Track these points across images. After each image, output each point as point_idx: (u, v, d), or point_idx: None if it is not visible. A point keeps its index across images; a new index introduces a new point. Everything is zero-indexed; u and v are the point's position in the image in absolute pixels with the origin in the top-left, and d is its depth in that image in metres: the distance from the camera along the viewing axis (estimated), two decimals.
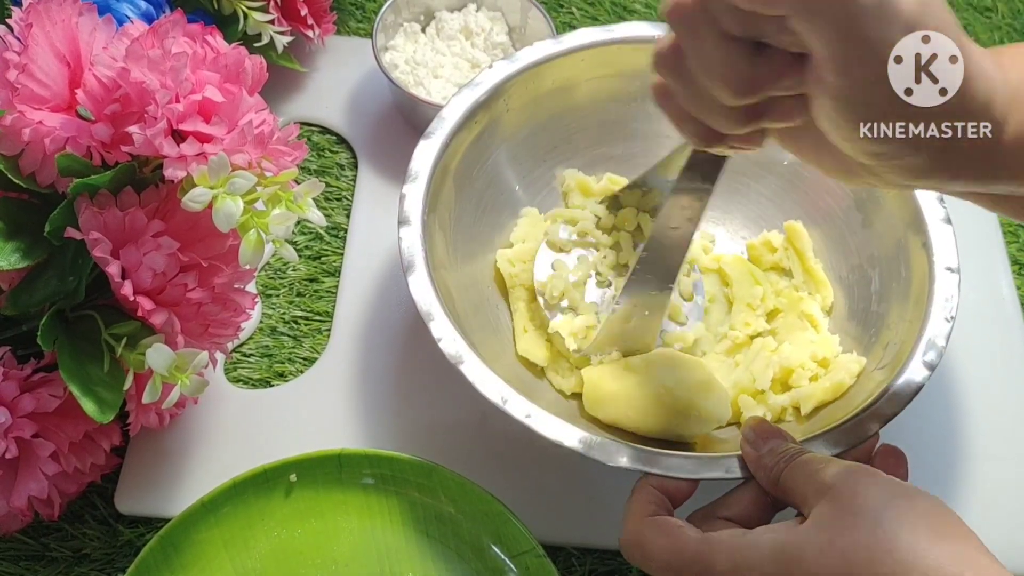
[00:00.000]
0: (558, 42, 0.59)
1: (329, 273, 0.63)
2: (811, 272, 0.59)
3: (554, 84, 0.60)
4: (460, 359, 0.48)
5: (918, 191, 0.54)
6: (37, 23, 0.42)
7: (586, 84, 0.61)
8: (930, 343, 0.50)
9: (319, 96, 0.70)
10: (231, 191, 0.41)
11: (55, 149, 0.42)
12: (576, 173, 0.62)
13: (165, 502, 0.53)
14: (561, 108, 0.61)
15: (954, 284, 0.52)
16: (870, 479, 0.38)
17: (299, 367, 0.59)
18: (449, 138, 0.55)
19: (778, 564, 0.37)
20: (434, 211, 0.54)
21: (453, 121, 0.56)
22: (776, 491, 0.42)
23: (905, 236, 0.55)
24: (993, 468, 0.57)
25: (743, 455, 0.45)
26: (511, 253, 0.59)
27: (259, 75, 0.46)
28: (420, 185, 0.54)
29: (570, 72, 0.60)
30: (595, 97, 0.62)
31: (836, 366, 0.54)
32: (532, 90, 0.59)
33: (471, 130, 0.57)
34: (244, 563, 0.49)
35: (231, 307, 0.48)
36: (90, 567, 0.52)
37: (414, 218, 0.53)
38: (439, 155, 0.55)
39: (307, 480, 0.51)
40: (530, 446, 0.55)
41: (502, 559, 0.49)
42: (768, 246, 0.61)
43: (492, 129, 0.59)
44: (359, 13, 0.76)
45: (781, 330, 0.57)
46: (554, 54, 0.59)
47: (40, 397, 0.45)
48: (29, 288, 0.44)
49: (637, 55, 0.60)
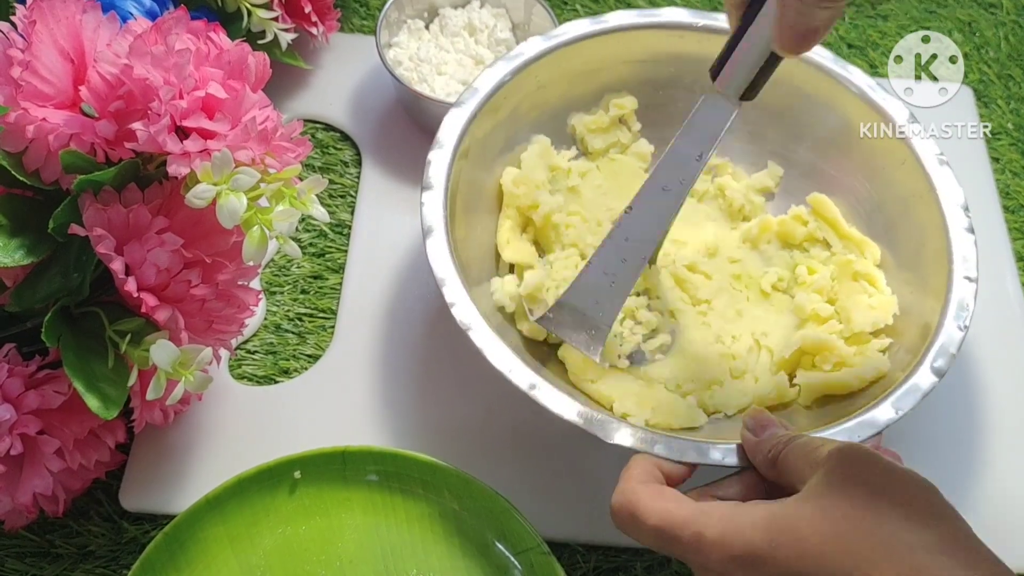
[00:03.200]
0: (596, 22, 0.60)
1: (333, 270, 0.63)
2: (848, 236, 0.59)
3: (586, 65, 0.61)
4: (469, 326, 0.48)
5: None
6: (41, 20, 0.42)
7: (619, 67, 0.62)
8: (942, 349, 0.49)
9: (323, 93, 0.70)
10: (235, 187, 0.40)
11: (59, 146, 0.42)
12: (584, 117, 0.63)
13: (170, 499, 0.53)
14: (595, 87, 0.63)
15: (971, 293, 0.51)
16: (866, 456, 0.39)
17: (303, 364, 0.59)
18: (478, 109, 0.56)
19: (768, 532, 0.37)
20: (457, 181, 0.55)
21: (483, 93, 0.56)
22: (773, 474, 0.42)
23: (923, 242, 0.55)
24: (996, 467, 0.57)
25: (743, 441, 0.45)
26: (516, 173, 0.59)
27: (262, 72, 0.46)
28: (447, 152, 0.54)
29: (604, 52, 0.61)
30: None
31: (864, 359, 0.54)
32: (565, 69, 0.60)
33: (499, 104, 0.58)
34: (249, 560, 0.49)
35: (235, 304, 0.48)
36: (95, 564, 0.52)
37: (437, 183, 0.53)
38: (466, 125, 0.55)
39: (311, 477, 0.51)
40: (535, 443, 0.55)
41: (506, 556, 0.49)
42: (799, 219, 0.61)
43: (519, 106, 0.59)
44: (363, 10, 0.76)
45: (841, 295, 0.57)
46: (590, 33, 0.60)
47: (45, 394, 0.45)
48: (33, 285, 0.44)
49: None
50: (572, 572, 0.53)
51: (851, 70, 0.59)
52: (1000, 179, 0.70)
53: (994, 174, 0.70)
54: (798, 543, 0.36)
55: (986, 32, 0.78)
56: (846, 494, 0.37)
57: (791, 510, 0.38)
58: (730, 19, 0.46)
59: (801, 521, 0.37)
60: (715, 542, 0.38)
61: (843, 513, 0.36)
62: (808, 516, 0.37)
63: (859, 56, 0.75)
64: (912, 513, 0.36)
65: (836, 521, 0.36)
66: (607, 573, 0.53)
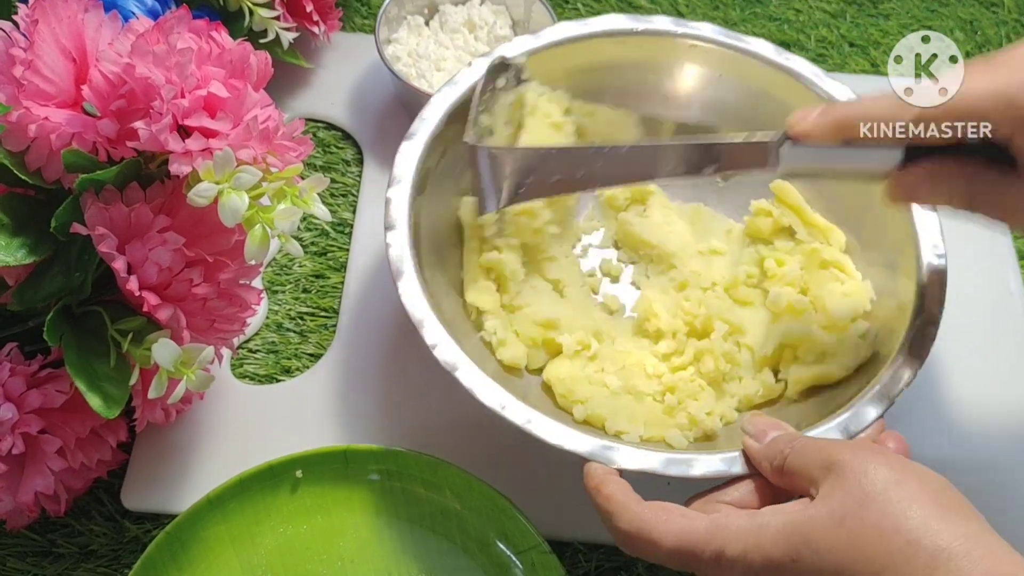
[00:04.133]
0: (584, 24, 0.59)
1: (335, 269, 0.63)
2: (814, 223, 0.59)
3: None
4: (455, 366, 0.48)
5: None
6: (43, 19, 0.42)
7: None
8: (923, 331, 0.49)
9: (325, 92, 0.70)
10: (236, 186, 0.40)
11: (61, 145, 0.42)
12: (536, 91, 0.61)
13: (171, 498, 0.53)
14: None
15: (942, 268, 0.51)
16: (879, 456, 0.39)
17: (305, 363, 0.59)
18: (431, 139, 0.55)
19: (788, 544, 0.37)
20: (420, 211, 0.54)
21: (434, 122, 0.56)
22: (782, 479, 0.42)
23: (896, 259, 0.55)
24: (999, 466, 0.57)
25: (745, 449, 0.45)
26: (473, 202, 0.57)
27: (264, 71, 0.46)
28: (405, 188, 0.53)
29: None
30: None
31: (843, 348, 0.54)
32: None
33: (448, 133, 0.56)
34: (250, 559, 0.49)
35: (237, 303, 0.48)
36: (97, 563, 0.52)
37: (400, 222, 0.52)
38: (423, 156, 0.55)
39: (313, 476, 0.51)
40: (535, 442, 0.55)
41: (508, 555, 0.49)
42: (764, 212, 0.60)
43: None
44: (364, 9, 0.76)
45: (812, 285, 0.57)
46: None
47: (47, 393, 0.45)
48: (35, 284, 0.44)
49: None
50: (573, 571, 0.53)
51: (793, 59, 0.59)
52: None
53: None
54: (817, 555, 0.36)
55: (988, 31, 0.78)
56: (861, 498, 0.37)
57: (807, 519, 0.37)
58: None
59: (818, 531, 0.37)
60: (737, 559, 0.38)
61: (860, 519, 0.36)
62: (825, 525, 0.37)
63: (860, 55, 0.75)
64: (928, 515, 0.35)
65: (853, 529, 0.36)
66: (609, 572, 0.53)
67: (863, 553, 0.35)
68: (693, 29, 0.60)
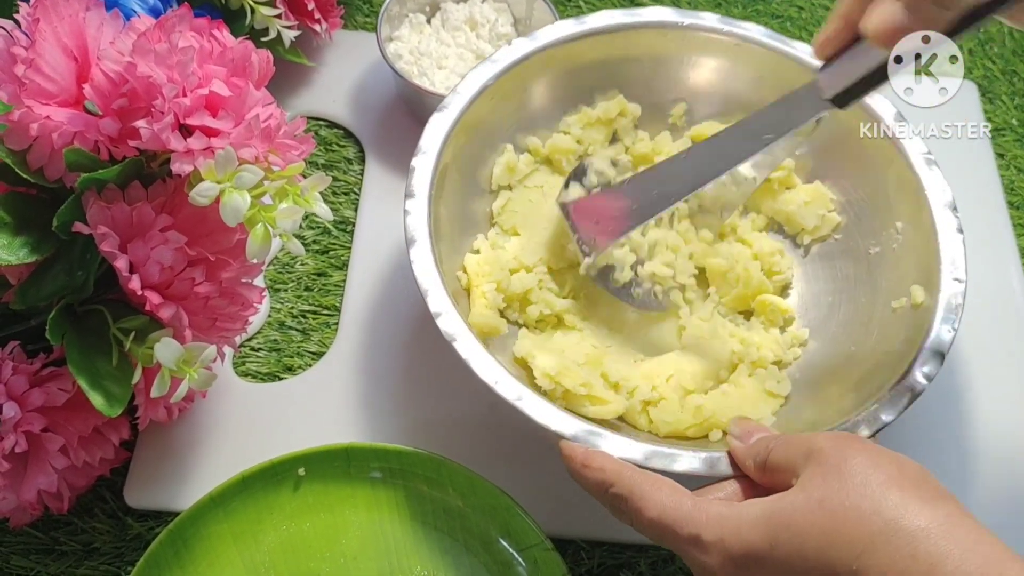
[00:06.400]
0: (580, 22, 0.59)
1: (337, 267, 0.63)
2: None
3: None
4: (454, 337, 0.48)
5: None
6: (44, 18, 0.42)
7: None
8: (932, 352, 0.49)
9: (326, 90, 0.70)
10: (238, 185, 0.40)
11: (63, 144, 0.42)
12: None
13: (174, 496, 0.53)
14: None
15: (959, 293, 0.50)
16: (857, 443, 0.39)
17: (307, 361, 0.59)
18: (463, 112, 0.55)
19: (767, 531, 0.37)
20: (441, 186, 0.54)
21: (469, 95, 0.56)
22: (765, 476, 0.42)
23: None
24: (1002, 465, 0.57)
25: (731, 450, 0.45)
26: (478, 259, 0.57)
27: (266, 69, 0.46)
28: (430, 159, 0.53)
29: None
30: None
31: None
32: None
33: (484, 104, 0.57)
34: (253, 557, 0.49)
35: (239, 301, 0.48)
36: (99, 561, 0.52)
37: (420, 191, 0.52)
38: (450, 129, 0.55)
39: (315, 474, 0.51)
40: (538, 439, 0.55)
41: (510, 552, 0.49)
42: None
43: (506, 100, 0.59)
44: (366, 7, 0.76)
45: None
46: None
47: (49, 391, 0.45)
48: (37, 283, 0.44)
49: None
50: (576, 569, 0.53)
51: (798, 46, 0.59)
52: (1005, 175, 0.70)
53: (999, 170, 0.70)
54: (797, 538, 0.36)
55: (991, 28, 0.77)
56: (840, 482, 0.37)
57: (786, 505, 0.38)
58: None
59: (797, 515, 0.37)
60: (713, 543, 0.39)
61: (839, 502, 0.36)
62: (804, 509, 0.37)
63: None
64: (907, 496, 0.36)
65: (833, 511, 0.36)
66: (611, 570, 0.53)
67: (842, 535, 0.35)
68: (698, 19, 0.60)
